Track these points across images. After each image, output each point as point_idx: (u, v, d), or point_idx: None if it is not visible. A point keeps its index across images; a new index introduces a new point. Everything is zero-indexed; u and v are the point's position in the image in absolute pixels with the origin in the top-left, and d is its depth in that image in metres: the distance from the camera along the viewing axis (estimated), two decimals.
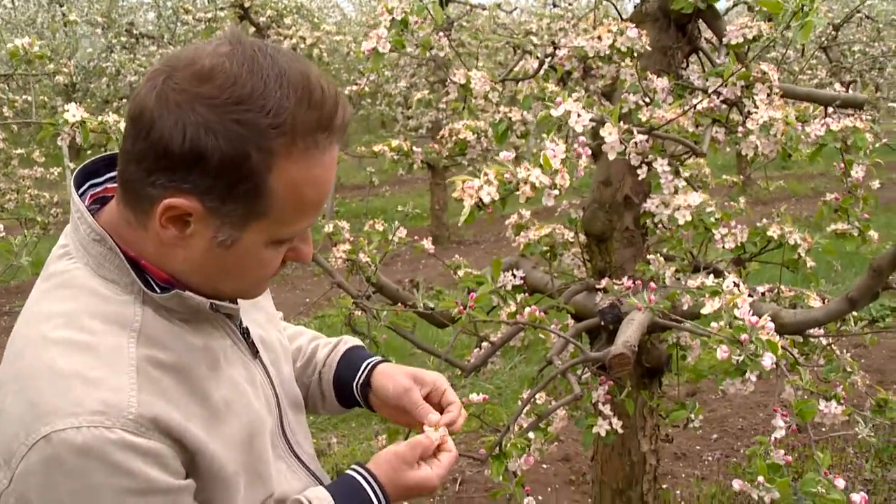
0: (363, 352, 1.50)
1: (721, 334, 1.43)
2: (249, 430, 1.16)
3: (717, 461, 4.47)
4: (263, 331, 1.32)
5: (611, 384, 2.09)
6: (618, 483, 2.77)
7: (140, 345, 1.05)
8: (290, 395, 1.35)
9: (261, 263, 1.10)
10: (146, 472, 1.00)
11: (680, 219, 1.95)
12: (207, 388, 1.10)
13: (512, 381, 5.43)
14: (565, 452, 4.65)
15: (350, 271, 2.58)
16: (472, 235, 10.98)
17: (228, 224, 1.03)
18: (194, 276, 1.09)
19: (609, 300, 1.95)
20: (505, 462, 1.59)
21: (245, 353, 1.22)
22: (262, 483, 1.18)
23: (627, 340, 1.64)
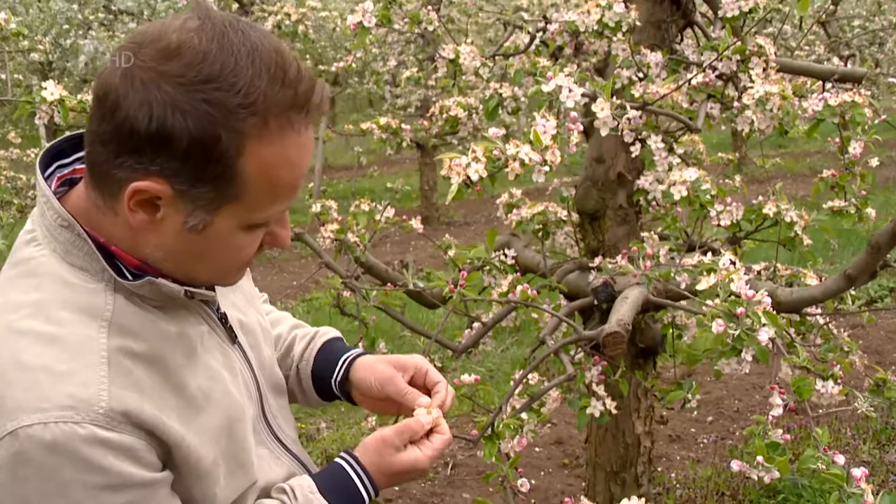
0: (340, 344, 1.48)
1: (717, 308, 1.44)
2: (228, 418, 1.15)
3: (713, 444, 4.51)
4: (242, 314, 1.30)
5: (604, 364, 2.11)
6: (612, 465, 2.80)
7: (111, 335, 1.03)
8: (270, 380, 1.34)
9: (235, 248, 1.09)
10: (119, 467, 0.99)
11: (675, 194, 1.96)
12: (183, 377, 1.09)
13: (504, 364, 5.46)
14: (558, 435, 4.68)
15: (338, 252, 2.59)
16: (462, 216, 10.99)
17: (200, 208, 1.01)
18: (167, 263, 1.07)
19: (602, 279, 1.97)
20: (497, 443, 1.61)
21: (223, 339, 1.21)
22: (243, 471, 1.18)
23: (621, 318, 1.65)
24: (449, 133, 3.45)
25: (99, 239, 1.06)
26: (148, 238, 1.05)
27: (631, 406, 2.70)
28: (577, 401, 2.09)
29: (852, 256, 6.20)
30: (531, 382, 1.93)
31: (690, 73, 2.20)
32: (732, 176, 2.59)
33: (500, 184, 2.45)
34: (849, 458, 4.11)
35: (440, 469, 4.33)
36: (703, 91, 2.13)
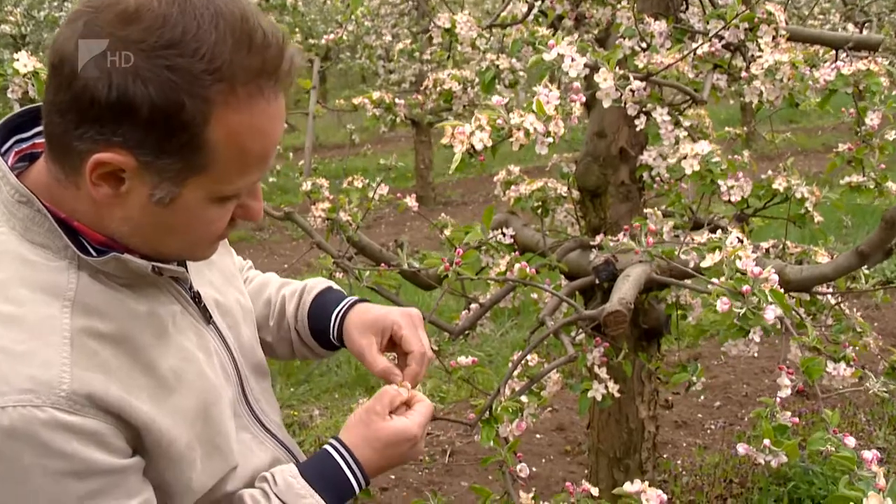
0: (329, 297, 1.48)
1: (722, 286, 1.43)
2: (203, 400, 1.14)
3: (721, 429, 4.52)
4: (219, 293, 1.30)
5: (606, 346, 2.10)
6: (615, 451, 2.80)
7: (75, 314, 1.02)
8: (251, 361, 1.34)
9: (205, 222, 1.07)
10: (83, 453, 0.98)
11: (687, 168, 1.94)
12: (153, 357, 1.08)
13: (503, 348, 5.46)
14: (559, 422, 4.69)
15: (330, 231, 2.59)
16: (459, 196, 10.98)
17: (166, 180, 1.00)
18: (134, 237, 1.06)
19: (604, 257, 1.96)
20: (495, 427, 1.60)
21: (197, 319, 1.20)
22: (221, 456, 1.17)
23: (623, 297, 1.65)
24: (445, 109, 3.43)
25: (60, 214, 1.04)
26: (113, 212, 1.03)
27: (634, 390, 2.70)
28: (579, 384, 2.08)
29: (867, 235, 6.21)
30: (531, 364, 1.93)
31: (696, 43, 2.19)
32: (740, 151, 2.58)
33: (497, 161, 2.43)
34: (863, 444, 4.13)
35: (437, 457, 4.34)
36: (710, 61, 2.12)
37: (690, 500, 3.83)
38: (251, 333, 1.37)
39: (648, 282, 1.85)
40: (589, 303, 2.45)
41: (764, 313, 1.41)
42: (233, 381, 1.25)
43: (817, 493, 3.63)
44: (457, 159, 1.54)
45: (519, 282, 1.69)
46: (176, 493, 1.12)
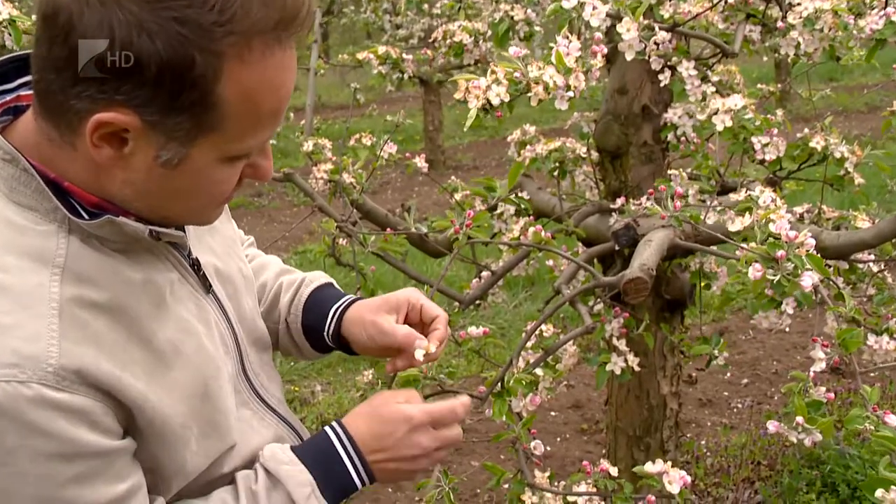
0: (329, 292, 1.47)
1: (754, 251, 1.41)
2: (202, 375, 1.14)
3: (748, 408, 4.52)
4: (220, 260, 1.29)
5: (626, 317, 2.10)
6: (635, 429, 2.80)
7: (65, 282, 1.00)
8: (252, 333, 1.33)
9: (214, 183, 1.06)
10: (71, 433, 0.97)
11: (718, 124, 1.92)
12: (150, 329, 1.07)
13: (516, 320, 5.47)
14: (575, 398, 4.70)
15: (333, 194, 2.58)
16: (471, 160, 10.96)
17: (174, 140, 0.98)
18: (137, 202, 1.05)
19: (624, 221, 1.95)
20: (508, 401, 1.60)
21: (196, 288, 1.19)
22: (218, 435, 1.17)
23: (644, 263, 1.64)
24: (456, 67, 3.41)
25: (49, 174, 1.02)
26: (114, 175, 1.02)
27: (656, 364, 2.70)
28: (596, 357, 2.08)
29: None
30: (545, 335, 1.93)
31: None
32: (774, 111, 2.55)
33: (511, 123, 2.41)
34: None
35: None
36: (742, 10, 2.09)
37: (715, 483, 3.84)
38: (252, 304, 1.36)
39: (672, 248, 1.84)
40: (608, 271, 2.44)
41: (800, 280, 1.39)
42: (232, 354, 1.25)
43: (853, 478, 3.62)
44: (471, 116, 1.52)
45: (534, 246, 1.68)
46: (168, 476, 1.12)
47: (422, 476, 1.32)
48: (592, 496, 1.60)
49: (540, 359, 1.80)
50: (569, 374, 4.94)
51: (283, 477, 1.19)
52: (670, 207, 1.65)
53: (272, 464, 1.20)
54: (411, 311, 1.37)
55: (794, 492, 3.67)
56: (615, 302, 2.20)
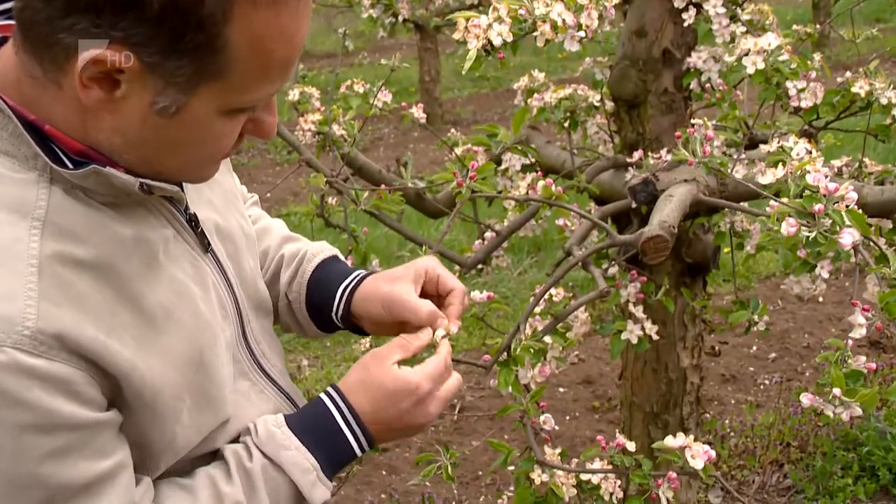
0: (336, 268, 1.47)
1: (788, 205, 1.40)
2: (197, 342, 1.14)
3: (776, 385, 4.55)
4: (220, 216, 1.29)
5: (643, 281, 2.11)
6: (652, 405, 2.82)
7: (46, 237, 1.00)
8: (253, 297, 1.33)
9: (212, 137, 1.06)
10: (48, 404, 0.96)
11: (749, 67, 1.91)
12: (140, 290, 1.07)
13: (522, 288, 5.49)
14: (586, 374, 4.73)
15: (321, 148, 2.58)
16: (470, 114, 10.94)
17: (173, 86, 0.98)
18: (127, 152, 1.04)
19: (642, 176, 1.95)
20: (514, 371, 1.61)
21: (193, 246, 1.19)
22: (212, 409, 1.17)
23: (664, 220, 1.64)
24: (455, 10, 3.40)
25: (28, 116, 1.02)
26: (102, 120, 1.01)
27: (675, 334, 2.71)
28: (610, 324, 2.10)
29: None
30: (555, 300, 1.93)
31: None
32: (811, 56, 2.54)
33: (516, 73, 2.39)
34: None
35: (445, 413, 4.39)
36: None
37: (739, 466, 3.87)
38: (254, 265, 1.37)
39: (694, 204, 1.85)
40: (623, 232, 2.45)
41: (839, 237, 1.38)
42: (232, 319, 1.25)
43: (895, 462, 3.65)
44: (471, 57, 1.52)
45: (544, 201, 1.68)
46: (156, 452, 1.12)
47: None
48: (607, 474, 1.61)
49: (549, 325, 1.81)
50: (579, 346, 4.96)
51: (286, 463, 1.19)
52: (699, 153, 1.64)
53: (271, 447, 1.20)
54: (428, 283, 1.38)
55: (828, 476, 3.69)
56: (632, 265, 2.21)
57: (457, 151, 2.64)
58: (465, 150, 2.63)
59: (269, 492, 1.18)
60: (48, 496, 0.99)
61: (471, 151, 2.59)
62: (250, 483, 1.18)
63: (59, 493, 1.00)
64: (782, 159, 1.58)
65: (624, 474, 1.60)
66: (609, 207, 2.24)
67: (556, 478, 1.60)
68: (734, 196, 2.08)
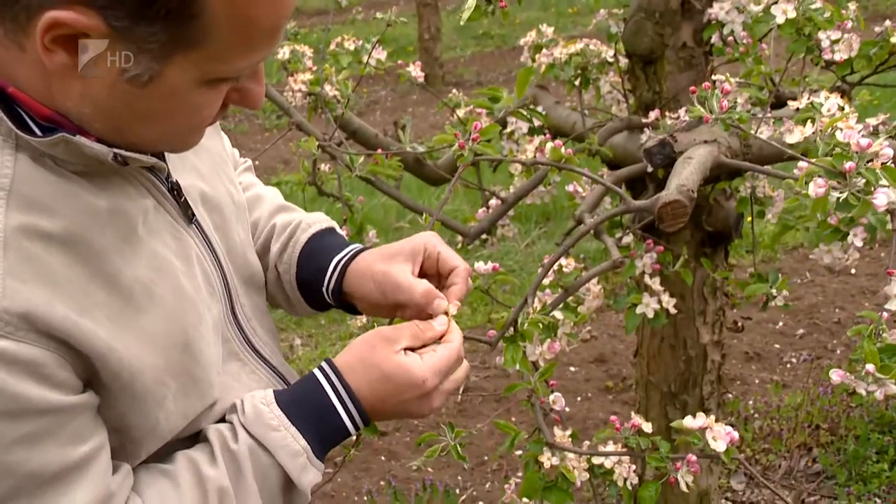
0: (330, 240, 1.46)
1: (817, 164, 1.39)
2: (181, 321, 1.14)
3: (804, 364, 4.55)
4: (206, 183, 1.28)
5: (660, 251, 2.11)
6: (669, 385, 2.83)
7: (11, 209, 0.99)
8: (243, 271, 1.33)
9: (191, 108, 1.05)
10: (15, 388, 0.96)
11: (778, 16, 1.89)
12: (116, 266, 1.06)
13: (528, 261, 5.50)
14: (599, 352, 4.74)
15: (313, 110, 2.57)
16: (473, 75, 10.91)
17: (144, 53, 0.96)
18: (97, 121, 1.03)
19: (658, 138, 1.95)
20: (522, 347, 1.61)
21: (175, 218, 1.18)
22: (198, 392, 1.17)
23: (683, 184, 1.64)
24: None
25: None
26: (68, 87, 0.99)
27: (695, 308, 2.71)
28: (624, 297, 2.09)
29: None
30: (566, 270, 1.93)
31: None
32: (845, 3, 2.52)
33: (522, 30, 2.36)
34: None
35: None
36: None
37: (764, 449, 3.87)
38: (244, 236, 1.36)
39: (715, 167, 1.84)
40: (639, 198, 2.45)
41: (873, 198, 1.37)
42: (219, 296, 1.25)
43: None
44: (470, 6, 1.51)
45: (552, 164, 1.68)
46: (137, 438, 1.12)
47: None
48: (622, 457, 1.61)
49: (559, 298, 1.81)
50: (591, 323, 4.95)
51: (274, 446, 1.19)
52: (716, 109, 1.63)
53: (258, 427, 1.19)
54: (427, 260, 1.36)
55: (861, 461, 3.69)
56: (647, 234, 2.21)
57: (459, 113, 2.63)
58: (468, 111, 2.62)
59: (257, 476, 1.18)
60: (15, 485, 0.99)
61: (473, 113, 2.59)
62: (236, 466, 1.18)
63: (28, 483, 1.00)
64: (811, 116, 1.56)
65: (639, 457, 1.60)
66: (623, 172, 2.23)
67: (567, 461, 1.60)
68: (758, 158, 2.08)
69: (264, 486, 1.19)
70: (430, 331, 1.27)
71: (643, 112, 2.47)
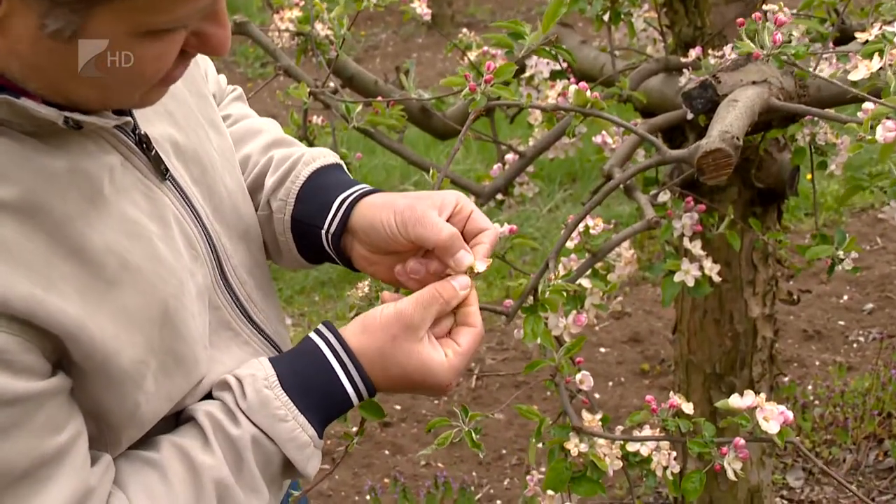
0: (338, 176, 1.46)
1: (887, 104, 1.37)
2: (159, 292, 1.15)
3: (872, 343, 4.54)
4: (180, 131, 1.29)
5: (702, 210, 2.10)
6: (714, 365, 2.83)
7: None
8: (235, 226, 1.35)
9: (136, 64, 1.05)
10: None
11: None
12: (82, 233, 1.07)
13: (552, 227, 5.49)
14: (633, 330, 4.74)
15: (302, 52, 2.57)
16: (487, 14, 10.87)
17: (62, 6, 0.96)
18: (30, 79, 1.04)
19: (700, 79, 1.94)
20: (544, 318, 1.61)
21: (146, 175, 1.19)
22: (182, 371, 1.19)
23: (727, 130, 1.63)
24: None
25: None
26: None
27: (742, 277, 2.71)
28: (660, 264, 2.10)
29: None
30: (593, 232, 1.93)
31: None
32: None
33: None
34: None
35: (461, 379, 4.41)
36: None
37: (827, 441, 3.86)
38: (233, 186, 1.37)
39: (766, 111, 1.82)
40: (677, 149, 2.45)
41: None
42: (204, 259, 1.26)
43: None
44: None
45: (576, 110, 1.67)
46: (116, 424, 1.14)
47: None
48: (660, 441, 1.61)
49: (586, 264, 1.81)
50: (625, 297, 4.95)
51: (282, 438, 1.21)
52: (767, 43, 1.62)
53: (264, 418, 1.21)
54: (456, 216, 1.36)
55: None
56: (687, 191, 2.21)
57: (470, 56, 2.63)
58: (481, 53, 2.62)
59: (261, 467, 1.21)
60: None
61: (487, 55, 2.59)
62: (236, 454, 1.20)
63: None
64: (880, 48, 1.54)
65: (680, 442, 1.59)
66: (659, 119, 2.23)
67: (597, 448, 1.59)
68: (817, 101, 2.07)
69: (266, 472, 1.22)
70: (452, 297, 1.28)
71: (682, 51, 2.47)
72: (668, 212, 2.10)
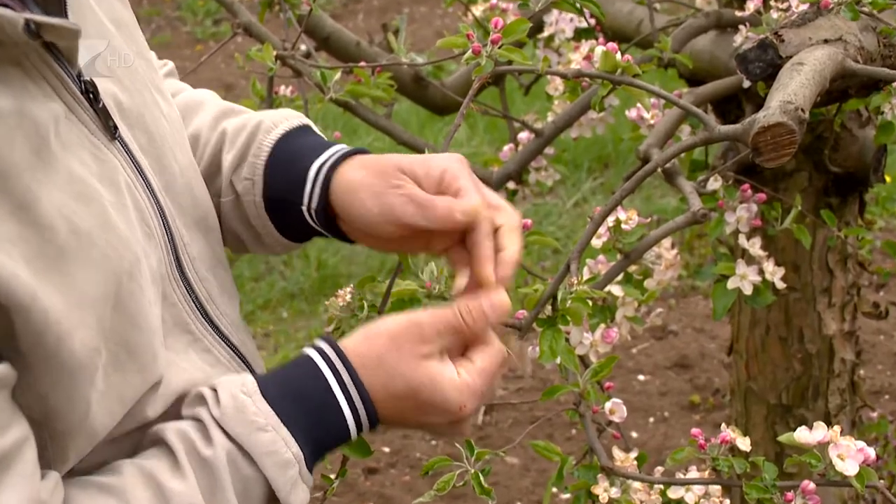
0: (304, 142, 1.47)
1: None
2: (112, 266, 1.14)
3: None
4: (124, 91, 1.30)
5: (762, 199, 2.10)
6: (779, 394, 2.84)
7: None
8: (190, 211, 1.36)
9: None
10: None
11: None
12: (30, 188, 1.07)
13: (578, 224, 5.48)
14: (680, 353, 4.73)
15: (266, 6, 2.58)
16: None
17: None
18: None
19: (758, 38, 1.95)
20: (564, 333, 1.61)
21: (93, 131, 1.20)
22: (137, 365, 1.19)
23: (790, 101, 1.61)
24: None
25: None
26: None
27: (815, 284, 2.72)
28: (710, 267, 2.10)
29: None
30: (625, 227, 1.92)
31: None
32: None
33: None
34: None
35: None
36: None
37: None
38: (185, 163, 1.39)
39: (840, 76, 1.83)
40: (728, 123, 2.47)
41: None
42: (158, 240, 1.27)
43: None
44: None
45: (604, 77, 1.68)
46: (62, 432, 1.13)
47: None
48: (709, 485, 1.61)
49: (617, 267, 1.82)
50: (669, 312, 4.92)
51: (258, 451, 1.21)
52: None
53: (238, 425, 1.22)
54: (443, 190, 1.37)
55: None
56: (744, 177, 2.21)
57: (475, 11, 2.64)
58: (489, 7, 2.63)
59: (239, 492, 1.21)
60: None
61: (496, 9, 2.59)
62: (211, 477, 1.20)
63: None
64: None
65: (735, 486, 1.59)
66: (708, 88, 2.25)
67: (632, 493, 1.60)
68: None
69: (244, 501, 1.22)
70: (480, 319, 1.29)
71: (738, 4, 2.48)
72: (719, 202, 2.09)
